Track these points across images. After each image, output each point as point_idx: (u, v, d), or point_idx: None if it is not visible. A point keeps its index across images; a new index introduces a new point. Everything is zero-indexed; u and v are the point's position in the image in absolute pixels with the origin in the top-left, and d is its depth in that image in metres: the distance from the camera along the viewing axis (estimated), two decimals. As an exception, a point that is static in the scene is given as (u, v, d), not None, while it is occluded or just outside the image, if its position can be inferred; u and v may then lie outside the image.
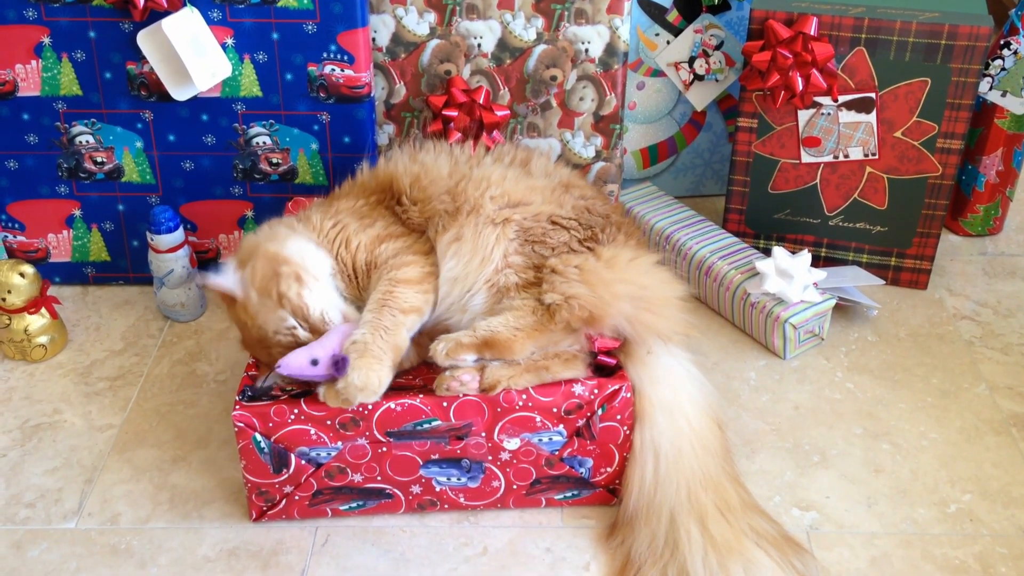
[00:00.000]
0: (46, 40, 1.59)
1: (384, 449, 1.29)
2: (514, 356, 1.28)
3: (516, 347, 1.27)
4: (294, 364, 1.24)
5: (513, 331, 1.28)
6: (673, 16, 1.87)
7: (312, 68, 1.61)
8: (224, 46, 1.59)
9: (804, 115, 1.71)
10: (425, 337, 1.34)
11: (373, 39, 1.65)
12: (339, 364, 1.23)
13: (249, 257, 1.33)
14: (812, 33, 1.61)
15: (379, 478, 1.32)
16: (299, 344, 1.27)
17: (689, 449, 1.31)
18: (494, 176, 1.41)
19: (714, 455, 1.32)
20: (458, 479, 1.33)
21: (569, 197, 1.42)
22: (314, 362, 1.24)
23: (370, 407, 1.25)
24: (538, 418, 1.29)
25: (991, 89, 1.79)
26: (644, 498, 1.29)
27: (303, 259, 1.32)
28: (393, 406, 1.26)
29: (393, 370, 1.26)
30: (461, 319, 1.35)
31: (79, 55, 1.60)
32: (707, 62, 1.90)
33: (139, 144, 1.68)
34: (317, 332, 1.29)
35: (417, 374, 1.37)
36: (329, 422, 1.27)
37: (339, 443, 1.28)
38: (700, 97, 1.94)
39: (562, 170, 1.51)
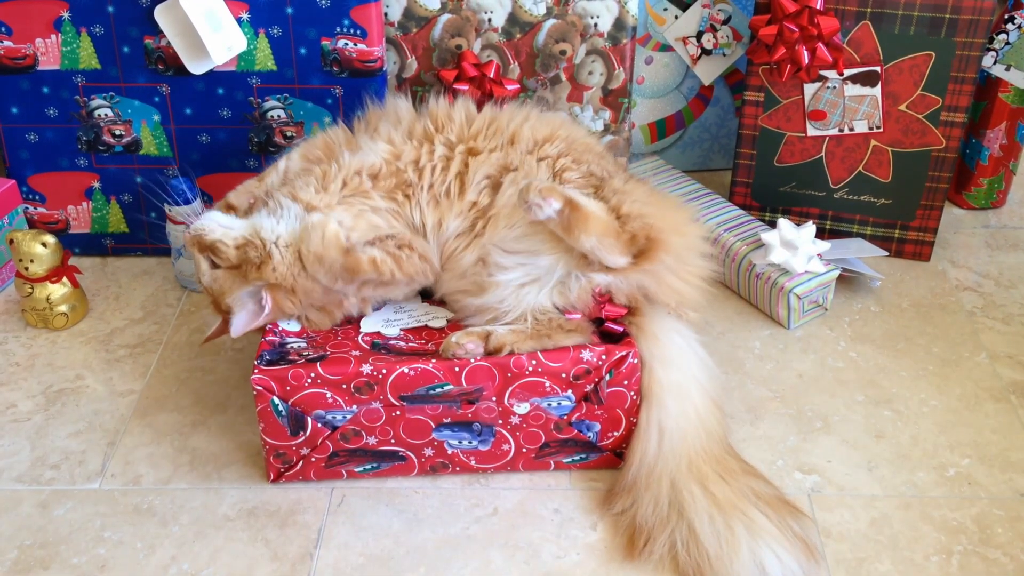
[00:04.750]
0: (65, 15, 1.62)
1: (398, 413, 1.33)
2: (582, 233, 1.28)
3: (591, 224, 1.28)
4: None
5: (596, 209, 1.30)
6: (681, -9, 1.89)
7: (326, 42, 1.64)
8: (239, 20, 1.61)
9: (810, 89, 1.73)
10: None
11: (385, 14, 1.68)
12: None
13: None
14: (818, 7, 1.63)
15: (393, 441, 1.35)
16: None
17: (693, 431, 1.33)
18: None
19: (716, 438, 1.35)
20: (469, 442, 1.36)
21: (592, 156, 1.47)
22: None
23: (384, 371, 1.29)
24: (547, 383, 1.32)
25: (995, 63, 1.81)
26: (644, 468, 1.32)
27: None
28: (406, 371, 1.30)
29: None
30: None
31: (98, 29, 1.63)
32: (715, 36, 1.92)
33: (156, 117, 1.71)
34: None
35: (430, 338, 1.40)
36: (344, 386, 1.30)
37: (354, 406, 1.32)
38: (708, 71, 1.96)
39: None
